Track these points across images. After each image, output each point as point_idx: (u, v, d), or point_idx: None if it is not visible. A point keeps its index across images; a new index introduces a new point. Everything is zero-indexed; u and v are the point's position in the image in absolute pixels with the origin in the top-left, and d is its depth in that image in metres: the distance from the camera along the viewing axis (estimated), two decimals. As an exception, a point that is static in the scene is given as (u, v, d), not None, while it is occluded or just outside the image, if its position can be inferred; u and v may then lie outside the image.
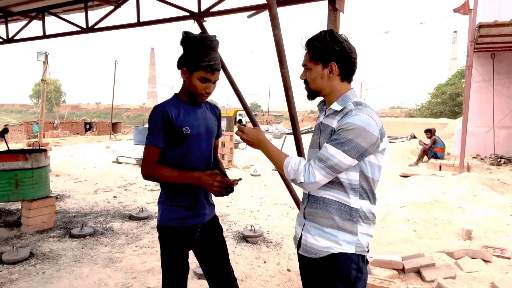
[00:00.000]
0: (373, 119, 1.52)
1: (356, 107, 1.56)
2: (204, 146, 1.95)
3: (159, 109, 1.83)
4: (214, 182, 1.76)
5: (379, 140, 1.54)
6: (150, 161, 1.83)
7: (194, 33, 1.85)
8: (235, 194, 6.83)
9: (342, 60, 1.60)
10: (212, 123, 2.02)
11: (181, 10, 4.63)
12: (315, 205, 1.66)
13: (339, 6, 3.36)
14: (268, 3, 2.60)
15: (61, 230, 4.68)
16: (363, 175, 1.58)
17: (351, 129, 1.48)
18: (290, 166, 1.59)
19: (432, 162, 9.86)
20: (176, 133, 1.84)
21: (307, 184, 1.55)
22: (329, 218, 1.61)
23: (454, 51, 64.30)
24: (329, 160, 1.50)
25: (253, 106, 72.14)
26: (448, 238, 4.66)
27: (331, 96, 1.67)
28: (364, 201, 1.60)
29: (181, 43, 1.87)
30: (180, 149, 1.87)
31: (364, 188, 1.60)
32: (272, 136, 20.70)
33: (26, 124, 29.00)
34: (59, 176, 8.27)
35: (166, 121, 1.81)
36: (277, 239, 4.49)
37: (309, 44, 1.64)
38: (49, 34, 5.69)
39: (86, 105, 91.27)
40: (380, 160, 1.62)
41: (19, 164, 4.52)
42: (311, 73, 1.66)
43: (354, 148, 1.49)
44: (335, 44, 1.58)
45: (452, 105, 33.79)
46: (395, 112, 61.68)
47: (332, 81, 1.63)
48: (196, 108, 1.95)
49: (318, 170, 1.52)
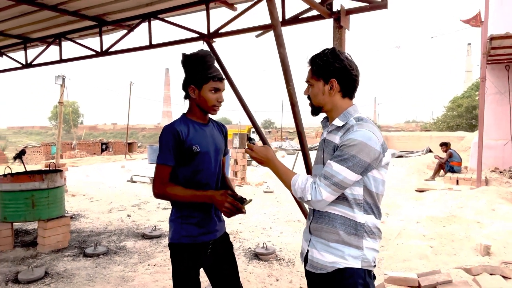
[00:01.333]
0: (374, 134, 1.55)
1: (358, 123, 1.59)
2: (213, 163, 1.99)
3: (169, 129, 1.89)
4: (225, 203, 1.79)
5: (381, 155, 1.57)
6: (161, 180, 1.87)
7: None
8: (247, 211, 6.79)
9: (342, 77, 1.64)
10: (220, 141, 2.07)
11: (191, 32, 4.77)
12: (321, 220, 1.67)
13: (344, 23, 3.41)
14: (273, 23, 2.67)
15: (76, 249, 4.74)
16: (367, 189, 1.60)
17: (353, 145, 1.51)
18: (297, 184, 1.62)
19: (448, 176, 9.65)
20: (186, 152, 1.88)
21: (314, 202, 1.57)
22: (335, 233, 1.61)
23: (469, 63, 63.69)
24: (334, 177, 1.53)
25: (267, 123, 72.42)
26: (466, 254, 4.53)
27: (332, 112, 1.71)
28: (369, 215, 1.61)
29: (183, 65, 1.95)
30: (190, 167, 1.91)
31: (368, 203, 1.61)
32: (286, 153, 20.68)
33: (45, 145, 29.71)
34: (75, 196, 8.41)
35: (177, 141, 1.86)
36: (290, 256, 4.45)
37: (312, 61, 1.70)
38: (65, 58, 5.91)
39: (103, 126, 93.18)
40: (384, 174, 1.64)
41: (35, 185, 4.64)
42: (313, 89, 1.71)
43: (358, 163, 1.51)
44: (336, 62, 1.62)
45: (469, 118, 33.21)
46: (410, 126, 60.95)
47: (333, 97, 1.68)
48: (204, 126, 2.00)
49: (324, 187, 1.54)
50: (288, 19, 3.95)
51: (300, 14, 3.84)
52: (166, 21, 4.89)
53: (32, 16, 5.05)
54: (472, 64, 62.07)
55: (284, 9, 3.95)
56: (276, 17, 2.66)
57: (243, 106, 4.15)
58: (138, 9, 4.81)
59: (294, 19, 3.90)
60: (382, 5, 3.24)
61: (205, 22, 4.58)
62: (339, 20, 3.35)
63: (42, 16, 5.06)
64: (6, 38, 6.06)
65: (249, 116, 4.11)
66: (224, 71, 4.54)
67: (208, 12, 4.48)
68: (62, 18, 5.16)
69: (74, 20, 5.21)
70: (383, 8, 3.26)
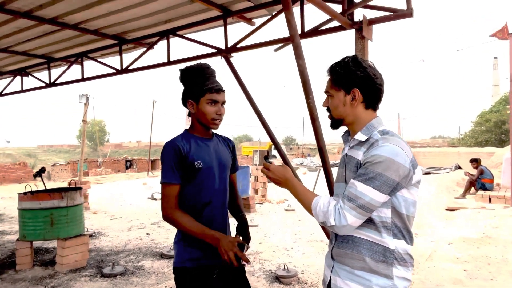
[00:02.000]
0: (402, 149, 1.39)
1: (383, 137, 1.44)
2: (217, 180, 1.86)
3: (170, 145, 1.79)
4: (230, 252, 1.65)
5: (412, 172, 1.41)
6: (168, 201, 1.77)
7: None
8: (268, 230, 6.62)
9: (365, 86, 1.49)
10: (226, 156, 1.95)
11: (209, 47, 4.74)
12: (344, 245, 1.51)
13: (367, 34, 3.27)
14: (290, 33, 2.56)
15: (94, 269, 4.66)
16: (396, 211, 1.43)
17: (379, 161, 1.36)
18: (318, 208, 1.46)
19: (480, 194, 9.17)
20: (189, 168, 1.78)
21: (338, 227, 1.41)
22: (360, 260, 1.45)
23: (496, 77, 61.78)
24: (360, 199, 1.37)
25: (288, 139, 72.05)
26: (504, 279, 4.19)
27: (355, 125, 1.55)
28: (399, 240, 1.43)
29: (180, 80, 1.89)
30: (193, 184, 1.80)
31: (397, 226, 1.44)
32: (307, 169, 20.37)
33: (72, 163, 30.46)
34: (96, 213, 8.44)
35: (179, 157, 1.76)
36: (313, 279, 4.21)
37: (331, 69, 1.56)
38: (87, 77, 6.00)
39: (128, 144, 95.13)
40: (415, 194, 1.46)
41: (54, 203, 4.61)
42: (333, 100, 1.56)
43: (385, 182, 1.35)
44: (358, 70, 1.48)
45: (498, 133, 32.03)
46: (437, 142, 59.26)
47: (356, 109, 1.53)
48: (207, 141, 1.89)
49: (349, 211, 1.38)
50: (308, 31, 3.83)
51: (320, 26, 3.72)
52: (184, 37, 4.89)
53: (54, 36, 5.16)
54: (499, 78, 60.26)
55: (303, 21, 3.84)
56: (294, 26, 2.54)
57: (262, 122, 4.03)
58: (157, 26, 4.83)
59: (314, 30, 3.78)
60: (408, 14, 3.08)
61: (223, 37, 4.54)
62: (361, 30, 3.21)
63: (64, 35, 5.17)
64: (31, 58, 6.22)
65: (268, 133, 3.98)
66: (242, 86, 4.45)
67: (225, 27, 4.43)
68: (84, 37, 5.25)
69: (95, 39, 5.30)
70: (409, 17, 3.10)
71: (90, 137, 69.59)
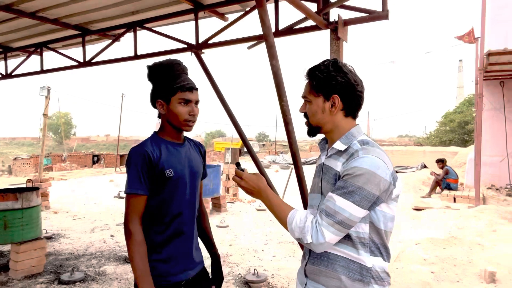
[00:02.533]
0: (383, 161, 1.31)
1: (363, 147, 1.34)
2: (188, 189, 1.70)
3: (138, 151, 1.60)
4: None
5: (392, 186, 1.32)
6: (133, 214, 1.59)
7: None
8: (239, 231, 6.49)
9: (346, 93, 1.39)
10: (197, 163, 1.78)
11: (179, 42, 4.52)
12: (318, 262, 1.40)
13: (342, 35, 3.18)
14: (264, 33, 2.42)
15: (51, 275, 4.37)
16: (374, 227, 1.33)
17: (359, 174, 1.26)
18: (294, 223, 1.35)
19: (445, 194, 9.45)
20: (159, 177, 1.60)
21: (315, 245, 1.30)
22: (336, 278, 1.34)
23: (460, 79, 64.24)
24: (338, 215, 1.27)
25: (261, 136, 72.04)
26: (470, 281, 4.26)
27: (333, 133, 1.45)
28: (376, 258, 1.34)
29: (148, 78, 1.70)
30: (162, 195, 1.62)
31: (375, 243, 1.34)
32: (279, 167, 20.38)
33: (35, 157, 29.12)
34: (57, 213, 8.00)
35: (148, 165, 1.58)
36: (283, 283, 4.12)
37: (310, 73, 1.44)
38: (47, 69, 5.62)
39: (96, 138, 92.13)
40: (394, 209, 1.38)
41: (8, 204, 4.27)
42: (311, 106, 1.45)
43: (365, 197, 1.26)
44: (339, 75, 1.37)
45: (461, 133, 33.35)
46: (403, 141, 61.00)
47: (334, 117, 1.42)
48: (178, 146, 1.71)
49: (327, 227, 1.28)
50: (282, 29, 3.71)
51: (294, 24, 3.61)
52: (153, 30, 4.64)
53: (11, 24, 4.77)
54: (463, 80, 62.72)
55: (278, 19, 3.71)
56: (268, 25, 2.40)
57: (233, 122, 3.87)
58: (123, 17, 4.56)
59: (288, 29, 3.66)
60: (383, 16, 3.01)
61: (194, 32, 4.33)
62: (336, 31, 3.11)
63: (22, 23, 4.79)
64: (-14, 47, 5.77)
65: (240, 133, 3.83)
66: (213, 85, 4.27)
67: (197, 21, 4.23)
68: (43, 27, 4.89)
69: (56, 29, 4.95)
70: (384, 19, 3.03)
71: (56, 130, 66.91)
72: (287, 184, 9.27)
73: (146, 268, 1.56)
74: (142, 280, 1.53)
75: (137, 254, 1.56)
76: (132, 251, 1.56)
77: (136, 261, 1.55)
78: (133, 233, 1.57)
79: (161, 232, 1.64)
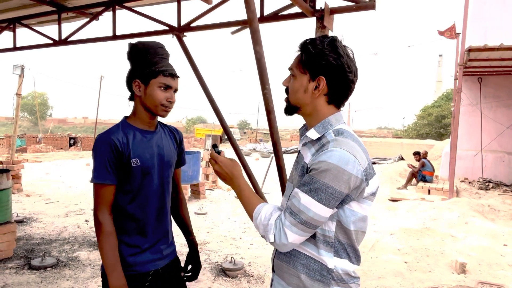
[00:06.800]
0: (353, 155, 1.16)
1: (335, 138, 1.21)
2: (156, 181, 1.63)
3: (105, 139, 1.52)
4: None
5: (364, 183, 1.19)
6: (102, 205, 1.53)
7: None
8: (217, 218, 6.47)
9: (334, 78, 1.24)
10: (169, 151, 1.70)
11: (160, 24, 4.37)
12: (282, 257, 1.33)
13: (328, 23, 3.13)
14: (249, 17, 2.34)
15: (21, 259, 4.24)
16: (341, 226, 1.23)
17: (325, 170, 1.14)
18: (259, 219, 1.26)
19: (421, 186, 9.68)
20: (126, 167, 1.54)
21: (278, 245, 1.23)
22: (295, 276, 1.27)
23: (439, 74, 65.55)
24: (302, 214, 1.17)
25: (242, 123, 71.81)
26: (441, 271, 4.38)
27: (311, 118, 1.31)
28: (340, 259, 1.24)
29: (129, 56, 1.61)
30: (128, 186, 1.56)
31: (341, 243, 1.24)
32: (260, 155, 20.40)
33: (9, 138, 28.12)
34: (30, 196, 7.76)
35: (114, 154, 1.51)
36: (259, 272, 4.13)
37: (303, 46, 1.28)
38: (20, 46, 5.36)
39: (73, 120, 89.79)
40: (366, 208, 1.26)
41: (-25, 187, 4.10)
42: (294, 81, 1.30)
43: (331, 195, 1.14)
44: (332, 56, 1.22)
45: (438, 127, 34.13)
46: (382, 133, 62.16)
47: (316, 100, 1.28)
48: (149, 134, 1.63)
49: (290, 227, 1.18)
50: (267, 15, 3.63)
51: (280, 11, 3.53)
52: (133, 10, 4.46)
53: (-20, -4, 4.50)
54: (442, 75, 64.01)
55: (263, 4, 3.62)
56: (253, 9, 2.33)
57: (214, 108, 3.79)
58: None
59: (274, 15, 3.58)
60: (370, 6, 2.97)
61: (176, 14, 4.19)
62: (322, 19, 3.06)
63: (-8, -3, 4.52)
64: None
65: (221, 121, 3.75)
66: (195, 69, 4.17)
67: (179, 2, 4.09)
68: (16, 1, 4.62)
69: (30, 4, 4.69)
70: (371, 9, 2.99)
71: (31, 110, 64.82)
72: (266, 172, 9.27)
73: (116, 259, 1.52)
74: (112, 270, 1.50)
75: (107, 244, 1.51)
76: (102, 242, 1.51)
77: (106, 251, 1.50)
78: (102, 223, 1.52)
79: (129, 222, 1.59)
